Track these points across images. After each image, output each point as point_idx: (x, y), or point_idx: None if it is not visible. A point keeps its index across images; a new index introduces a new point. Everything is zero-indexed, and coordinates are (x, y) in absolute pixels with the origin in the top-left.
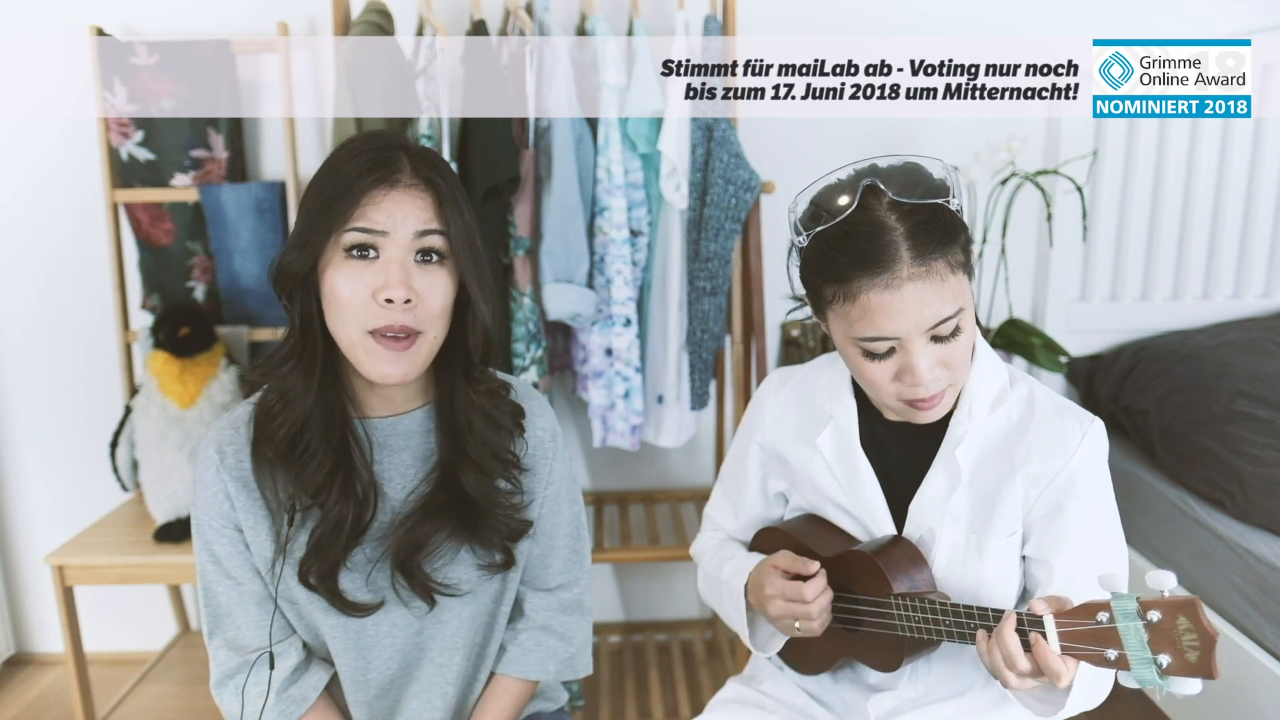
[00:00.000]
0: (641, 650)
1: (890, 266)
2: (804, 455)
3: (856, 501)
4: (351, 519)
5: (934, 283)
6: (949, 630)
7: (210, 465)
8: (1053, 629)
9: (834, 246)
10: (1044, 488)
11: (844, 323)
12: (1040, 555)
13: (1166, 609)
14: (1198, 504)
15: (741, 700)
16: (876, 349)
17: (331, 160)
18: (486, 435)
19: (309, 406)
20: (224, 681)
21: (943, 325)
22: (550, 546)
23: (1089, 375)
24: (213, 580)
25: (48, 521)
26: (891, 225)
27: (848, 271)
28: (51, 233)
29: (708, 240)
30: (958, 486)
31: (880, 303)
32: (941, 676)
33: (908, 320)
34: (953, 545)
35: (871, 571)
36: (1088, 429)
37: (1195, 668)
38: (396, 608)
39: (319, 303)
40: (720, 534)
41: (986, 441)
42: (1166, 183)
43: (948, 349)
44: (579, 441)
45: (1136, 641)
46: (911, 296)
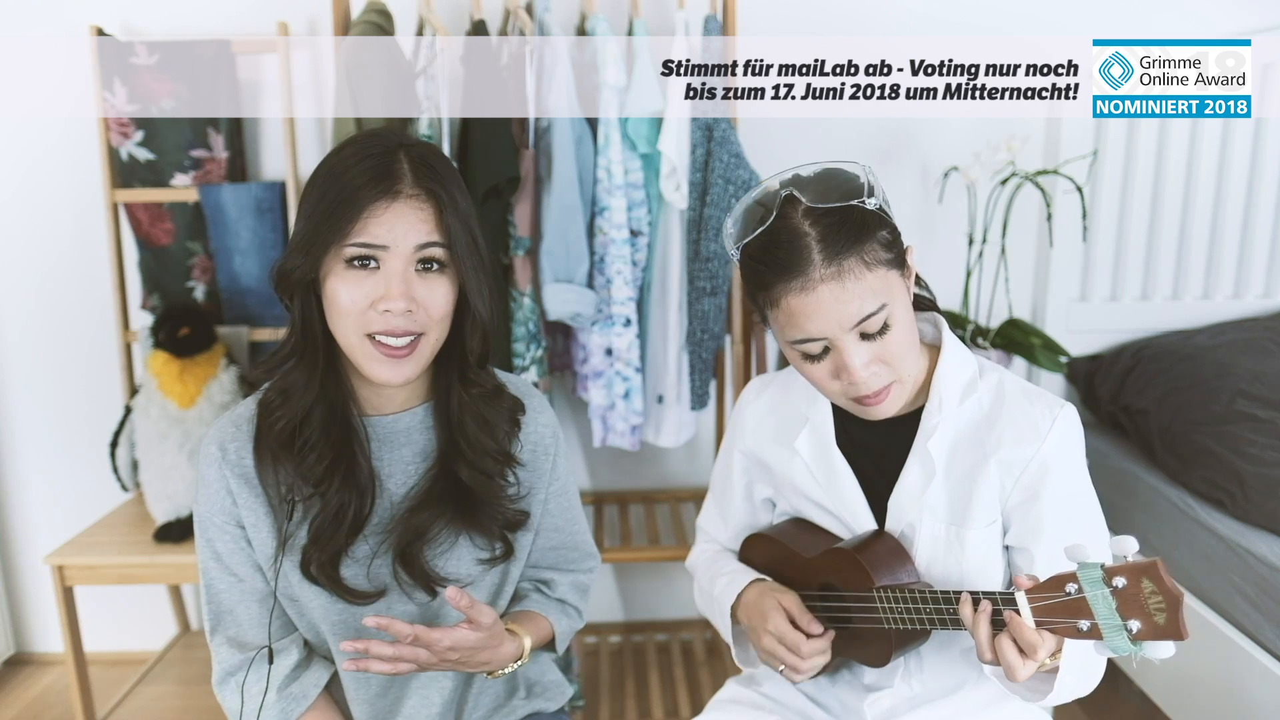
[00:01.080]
0: (641, 650)
1: (803, 270)
2: (784, 458)
3: (836, 500)
4: (353, 509)
5: (848, 281)
6: (933, 618)
7: (213, 462)
8: (1025, 604)
9: (757, 258)
10: (1018, 475)
11: (777, 327)
12: (1021, 543)
13: (1130, 573)
14: (1198, 504)
15: (740, 701)
16: (810, 350)
17: (333, 163)
18: (479, 436)
19: (310, 401)
20: (225, 679)
21: (867, 322)
22: (572, 534)
23: (1089, 375)
24: (215, 577)
25: (48, 521)
26: (804, 231)
27: (768, 279)
28: (51, 233)
29: (708, 240)
30: (933, 479)
31: (799, 305)
32: (935, 673)
33: (828, 320)
34: (933, 538)
35: (854, 567)
36: (1058, 414)
37: (1164, 630)
38: (398, 602)
39: (319, 303)
40: (714, 545)
41: (958, 432)
42: (1166, 183)
43: (880, 345)
44: (579, 441)
45: (1105, 609)
46: (827, 297)
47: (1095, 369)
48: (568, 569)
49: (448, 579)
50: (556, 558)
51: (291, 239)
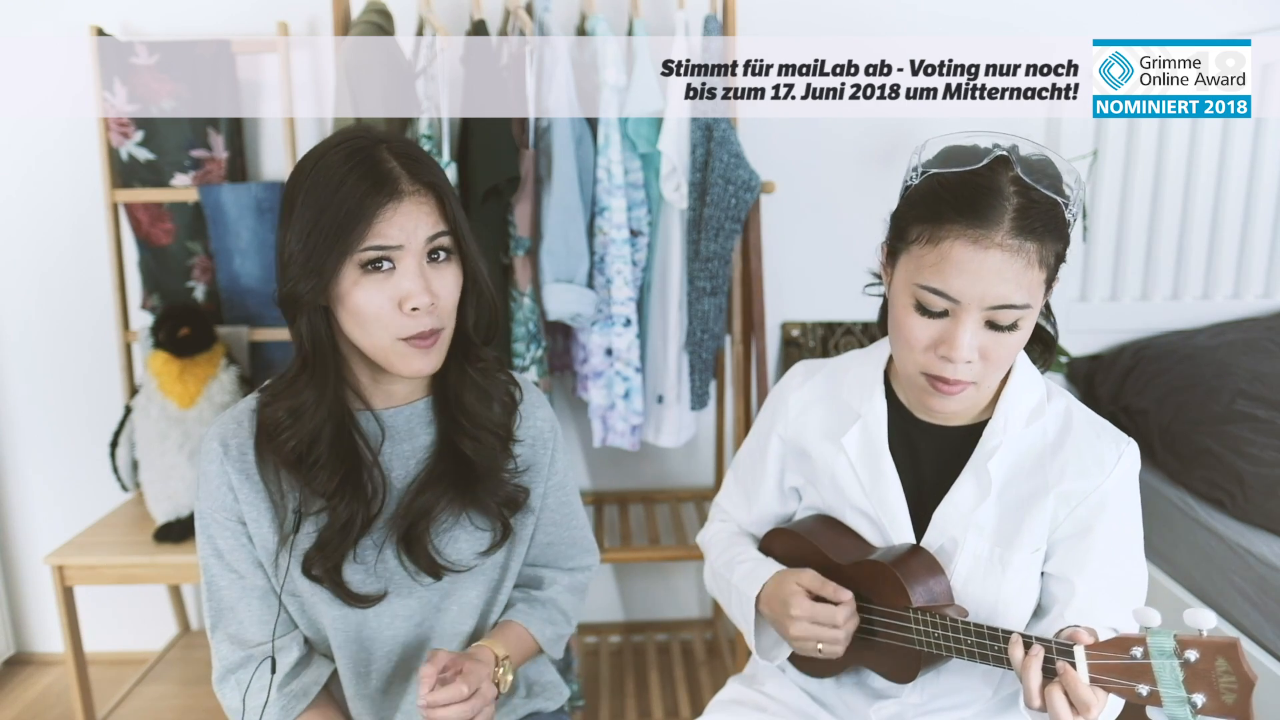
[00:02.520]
0: (641, 650)
1: (989, 224)
2: (828, 453)
3: (878, 505)
4: (361, 518)
5: (1020, 262)
6: (972, 650)
7: (214, 458)
8: (1082, 659)
9: (945, 187)
10: (1074, 507)
11: (914, 265)
12: (1062, 573)
13: (1205, 649)
14: (1198, 504)
15: (742, 701)
16: (933, 304)
17: (320, 176)
18: (478, 409)
19: (321, 419)
20: (226, 676)
21: (1005, 311)
22: (570, 530)
23: (1089, 375)
24: (216, 574)
25: (48, 521)
26: (1008, 193)
27: (946, 212)
28: (51, 233)
29: (708, 240)
30: (987, 498)
31: (962, 256)
32: (947, 687)
33: (978, 286)
34: (975, 557)
35: (889, 582)
36: (1124, 450)
37: (1231, 709)
38: (399, 597)
39: (328, 317)
40: (731, 525)
41: (1020, 455)
42: (1166, 183)
43: (996, 340)
44: (579, 441)
45: (1171, 680)
46: (993, 263)
47: (1095, 369)
48: (564, 567)
49: (450, 564)
50: (553, 554)
51: (290, 259)
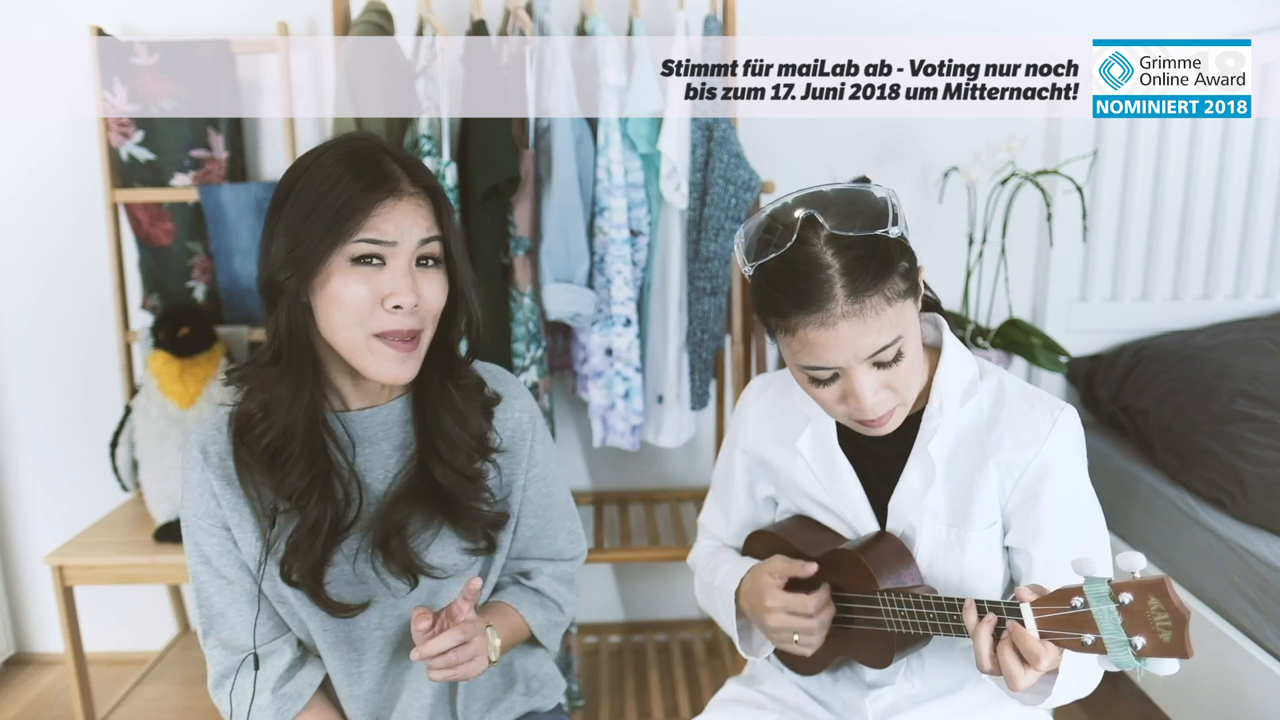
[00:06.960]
0: (641, 650)
1: (824, 305)
2: (785, 458)
3: (839, 500)
4: (330, 520)
5: (868, 318)
6: (935, 624)
7: (195, 465)
8: (1030, 616)
9: (772, 282)
10: (1018, 477)
11: (787, 350)
12: (1020, 545)
13: (1138, 590)
14: (1198, 504)
15: (741, 700)
16: (820, 376)
17: (316, 171)
18: (455, 431)
19: (296, 415)
20: (221, 682)
21: (882, 353)
22: (549, 520)
23: (1089, 375)
24: (204, 581)
25: (48, 521)
26: (827, 262)
27: (784, 308)
28: (52, 233)
29: (708, 240)
30: (933, 481)
31: (816, 338)
32: (936, 672)
33: (845, 353)
34: (933, 540)
35: (858, 569)
36: (1058, 416)
37: (1169, 647)
38: (384, 599)
39: (306, 311)
40: (715, 542)
41: (959, 434)
42: (1166, 183)
43: (891, 373)
44: (579, 441)
45: (1111, 625)
46: (846, 333)
47: (1095, 369)
48: (549, 558)
49: (431, 567)
50: (538, 546)
51: (274, 250)
